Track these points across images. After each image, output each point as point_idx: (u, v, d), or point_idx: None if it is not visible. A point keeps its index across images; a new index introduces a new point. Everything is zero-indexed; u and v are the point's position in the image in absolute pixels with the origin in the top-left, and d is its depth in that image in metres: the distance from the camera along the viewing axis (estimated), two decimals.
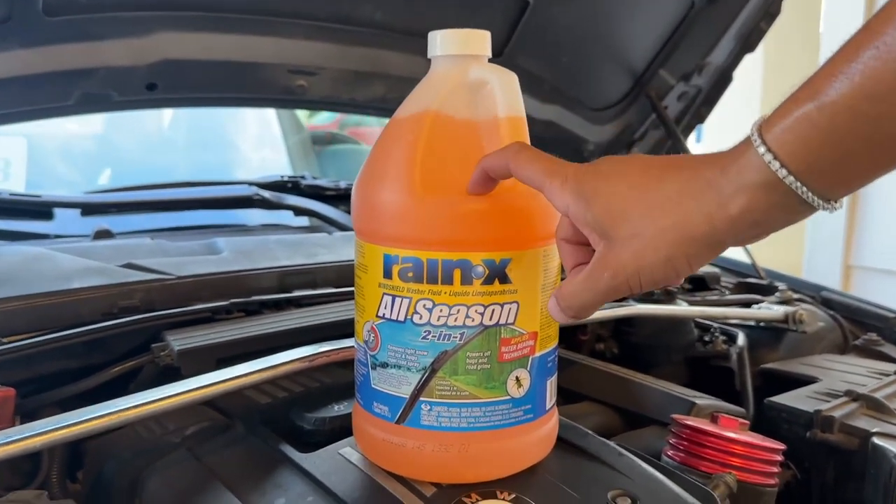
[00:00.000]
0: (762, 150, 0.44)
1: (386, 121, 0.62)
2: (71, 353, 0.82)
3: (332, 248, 1.15)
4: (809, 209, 0.45)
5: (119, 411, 0.65)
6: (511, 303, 0.58)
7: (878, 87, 0.40)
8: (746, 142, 0.45)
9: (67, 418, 0.63)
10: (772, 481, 0.73)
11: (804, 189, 0.43)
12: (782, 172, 0.43)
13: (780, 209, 0.45)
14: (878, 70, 0.40)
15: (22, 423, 0.67)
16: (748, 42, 1.56)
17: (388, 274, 0.58)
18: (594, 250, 0.52)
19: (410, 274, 0.57)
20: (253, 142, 2.17)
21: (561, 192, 0.52)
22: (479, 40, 0.60)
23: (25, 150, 1.67)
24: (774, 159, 0.43)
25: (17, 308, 0.85)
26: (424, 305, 0.57)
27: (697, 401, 0.88)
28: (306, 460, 0.65)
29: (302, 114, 2.30)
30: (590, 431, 0.70)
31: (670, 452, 0.75)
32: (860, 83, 0.40)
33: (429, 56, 0.61)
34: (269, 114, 2.11)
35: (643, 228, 0.48)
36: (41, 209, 1.30)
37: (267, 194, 1.45)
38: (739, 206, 0.45)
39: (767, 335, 1.20)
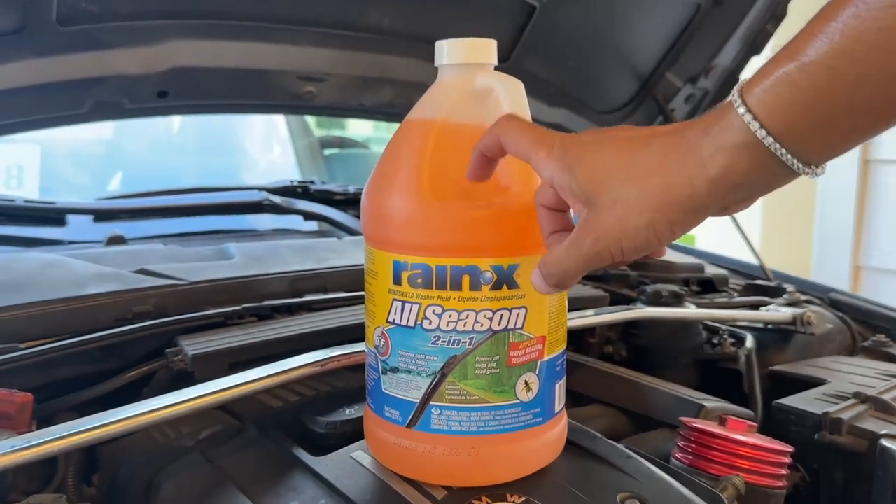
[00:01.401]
0: (742, 110, 0.43)
1: (393, 126, 0.63)
2: (86, 358, 0.83)
3: (342, 253, 1.15)
4: (791, 173, 0.44)
5: (134, 416, 0.66)
6: (519, 308, 0.59)
7: (857, 46, 0.39)
8: (728, 104, 0.45)
9: (83, 423, 0.64)
10: (780, 483, 0.73)
11: (783, 151, 0.43)
12: (761, 133, 0.43)
13: (761, 172, 0.44)
14: (857, 29, 0.39)
15: (38, 427, 0.68)
16: (755, 44, 1.56)
17: (397, 280, 0.59)
18: (572, 218, 0.53)
19: (420, 280, 0.58)
20: (262, 146, 2.18)
21: (547, 161, 0.52)
22: (485, 49, 0.61)
23: (39, 157, 1.69)
24: (754, 119, 0.43)
25: (32, 314, 0.86)
26: (434, 311, 0.58)
27: (706, 403, 0.88)
28: (319, 464, 0.66)
29: (310, 119, 2.31)
30: (598, 434, 0.70)
31: (678, 455, 0.76)
32: (839, 42, 0.40)
33: (436, 65, 0.62)
34: (278, 119, 2.13)
35: (626, 193, 0.48)
36: (55, 215, 1.31)
37: (277, 199, 1.46)
38: (719, 167, 0.45)
39: (776, 337, 1.20)
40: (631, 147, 0.49)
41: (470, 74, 0.61)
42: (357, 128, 3.00)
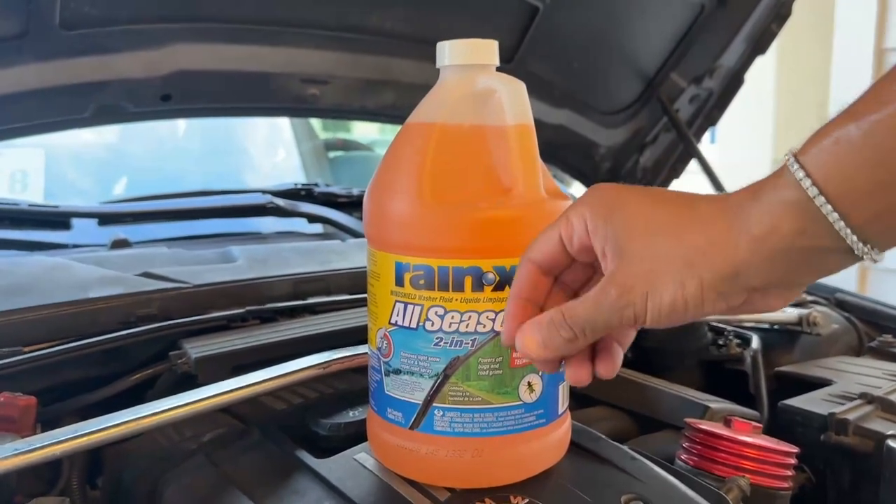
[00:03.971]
0: (794, 167, 0.40)
1: (398, 128, 0.63)
2: (90, 361, 0.83)
3: (345, 255, 1.16)
4: (843, 251, 0.41)
5: (138, 419, 0.66)
6: None
7: None
8: (783, 167, 0.41)
9: (87, 426, 0.64)
10: (786, 485, 0.73)
11: (836, 216, 0.39)
12: (813, 191, 0.39)
13: (808, 238, 0.40)
14: None
15: (43, 431, 0.68)
16: (759, 44, 1.56)
17: (399, 281, 0.59)
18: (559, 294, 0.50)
19: (422, 281, 0.58)
20: (266, 149, 2.18)
21: (579, 205, 0.48)
22: (487, 50, 0.61)
23: (43, 161, 1.70)
24: (806, 177, 0.39)
25: (36, 318, 0.86)
26: (436, 312, 0.58)
27: (711, 404, 0.88)
28: (322, 466, 0.66)
29: (315, 121, 2.32)
30: (602, 436, 0.70)
31: (684, 456, 0.75)
32: None
33: (437, 66, 0.62)
34: (282, 122, 2.13)
35: (662, 246, 0.44)
36: (59, 219, 1.31)
37: (281, 202, 1.46)
38: (763, 225, 0.41)
39: (781, 338, 1.20)
40: (677, 203, 0.45)
41: (472, 76, 0.61)
42: (362, 130, 3.00)
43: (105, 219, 1.34)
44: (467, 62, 0.61)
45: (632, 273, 0.45)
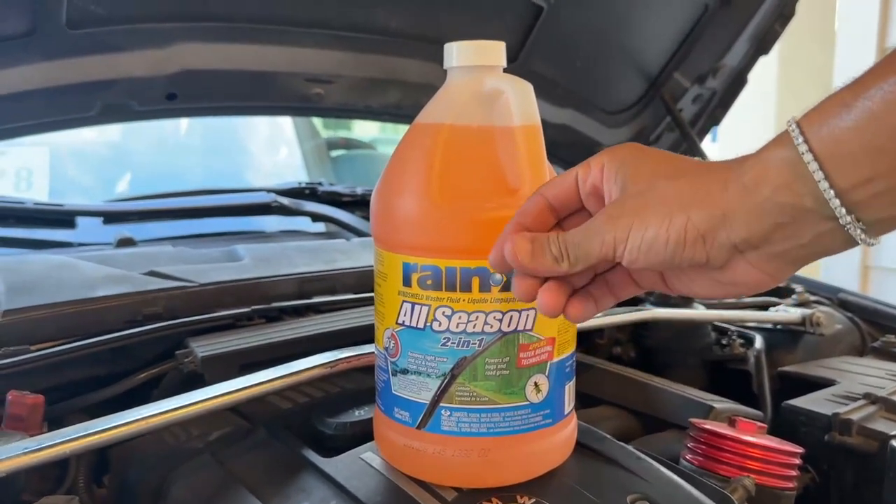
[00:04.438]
0: (792, 127, 0.42)
1: (400, 127, 0.63)
2: (96, 360, 0.84)
3: (350, 254, 1.16)
4: (829, 218, 0.41)
5: (145, 418, 0.66)
6: (529, 309, 0.59)
7: None
8: (784, 131, 0.43)
9: (94, 425, 0.65)
10: (790, 485, 0.73)
11: (821, 174, 0.40)
12: (802, 147, 0.41)
13: (793, 195, 0.42)
14: None
15: (49, 429, 0.68)
16: (763, 44, 1.56)
17: (407, 282, 0.59)
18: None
19: (429, 282, 0.58)
20: (269, 148, 2.19)
21: (602, 154, 0.50)
22: (494, 51, 0.61)
23: (48, 160, 1.70)
24: (799, 134, 0.41)
25: (42, 316, 0.86)
26: (443, 313, 0.58)
27: (715, 404, 0.88)
28: (328, 465, 0.66)
29: (317, 120, 2.32)
30: (608, 436, 0.70)
31: (688, 456, 0.75)
32: None
33: (445, 67, 0.63)
34: (285, 121, 2.13)
35: (659, 187, 0.46)
36: (64, 218, 1.31)
37: (285, 201, 1.47)
38: (752, 173, 0.43)
39: (785, 338, 1.20)
40: (687, 159, 0.48)
41: (479, 77, 0.61)
42: (363, 129, 3.00)
43: (110, 217, 1.34)
44: (475, 63, 0.61)
45: (624, 205, 0.47)
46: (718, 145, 4.19)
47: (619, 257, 0.48)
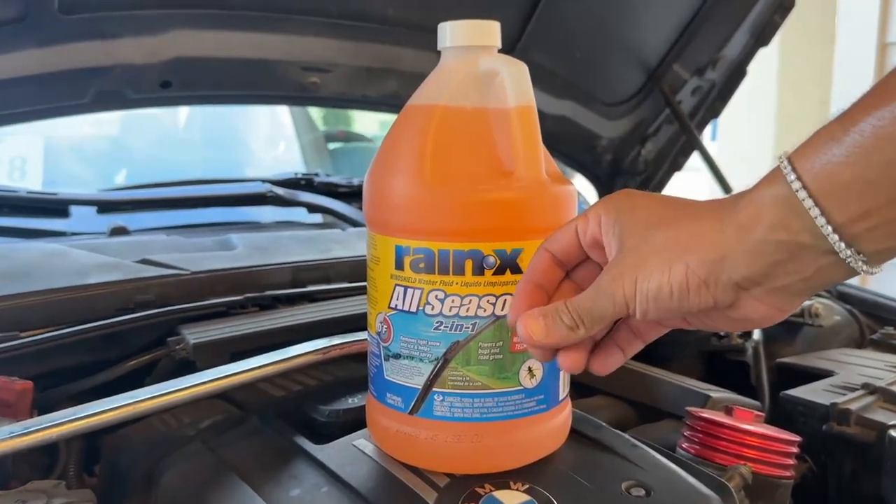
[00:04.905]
0: (784, 163, 0.41)
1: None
2: (87, 347, 0.83)
3: (345, 244, 1.15)
4: (828, 252, 0.41)
5: (135, 402, 0.66)
6: None
7: None
8: (776, 167, 0.43)
9: (83, 410, 0.64)
10: (787, 474, 0.72)
11: (817, 211, 0.40)
12: (796, 185, 0.40)
13: (789, 233, 0.41)
14: None
15: (39, 416, 0.67)
16: (762, 36, 1.55)
17: (399, 265, 0.59)
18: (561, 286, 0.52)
19: (422, 265, 0.58)
20: (266, 141, 2.18)
21: (598, 205, 0.51)
22: (489, 31, 0.61)
23: (42, 149, 1.69)
24: (792, 171, 0.41)
25: (34, 303, 0.86)
26: (436, 296, 0.58)
27: (712, 394, 0.88)
28: (321, 452, 0.65)
29: (315, 112, 2.31)
30: (603, 423, 0.70)
31: (685, 445, 0.75)
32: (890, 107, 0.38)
33: (438, 48, 0.62)
34: (283, 112, 2.12)
35: (656, 237, 0.47)
36: (58, 207, 1.31)
37: (281, 191, 1.46)
38: (747, 212, 0.43)
39: (783, 329, 1.19)
40: (681, 203, 0.48)
41: (473, 57, 0.60)
42: (363, 124, 2.99)
43: (104, 206, 1.33)
44: (469, 43, 0.60)
45: (625, 261, 0.47)
46: (718, 143, 4.18)
47: (632, 312, 0.48)
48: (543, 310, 0.51)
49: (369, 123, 2.94)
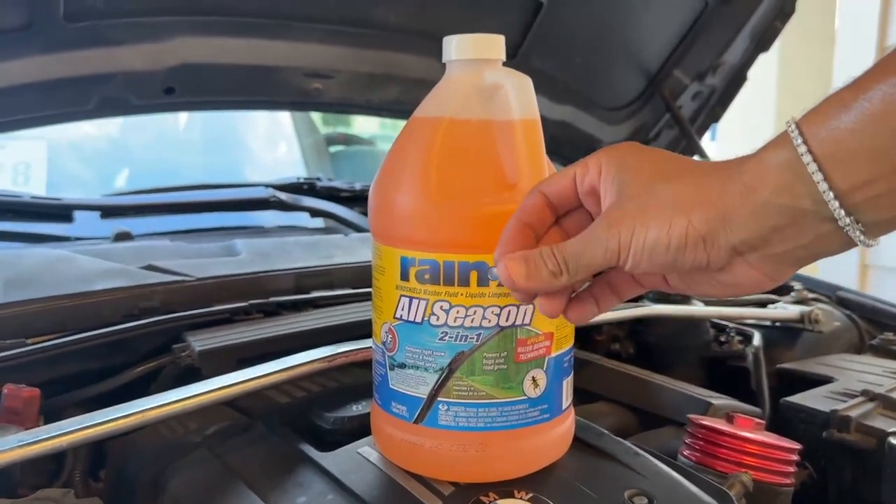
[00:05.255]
0: (791, 128, 0.42)
1: (399, 123, 0.63)
2: (93, 354, 0.83)
3: (348, 250, 1.15)
4: (828, 219, 0.41)
5: (142, 411, 0.66)
6: (527, 304, 0.59)
7: None
8: (784, 131, 0.43)
9: (91, 418, 0.64)
10: (788, 481, 0.73)
11: (820, 176, 0.40)
12: (802, 149, 0.41)
13: (792, 197, 0.42)
14: None
15: (46, 423, 0.68)
16: (763, 41, 1.56)
17: (405, 276, 0.59)
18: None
19: (427, 276, 0.58)
20: (267, 144, 2.18)
21: (600, 152, 0.50)
22: (494, 45, 0.61)
23: (45, 154, 1.70)
24: (798, 135, 0.41)
25: (39, 310, 0.86)
26: (441, 307, 0.58)
27: (713, 401, 0.88)
28: (325, 459, 0.66)
29: (315, 113, 2.31)
30: (606, 431, 0.70)
31: (686, 452, 0.75)
32: None
33: (443, 61, 0.62)
34: (284, 116, 2.13)
35: (658, 190, 0.46)
36: (61, 212, 1.31)
37: (283, 196, 1.46)
38: (753, 177, 0.43)
39: (783, 335, 1.20)
40: (686, 160, 0.48)
41: (478, 70, 0.60)
42: (363, 125, 3.00)
43: (108, 211, 1.34)
44: (474, 57, 0.61)
45: (624, 210, 0.47)
46: (717, 144, 4.19)
47: (622, 263, 0.47)
48: (527, 253, 0.50)
49: (368, 124, 2.95)
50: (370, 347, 0.67)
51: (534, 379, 0.60)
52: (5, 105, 1.11)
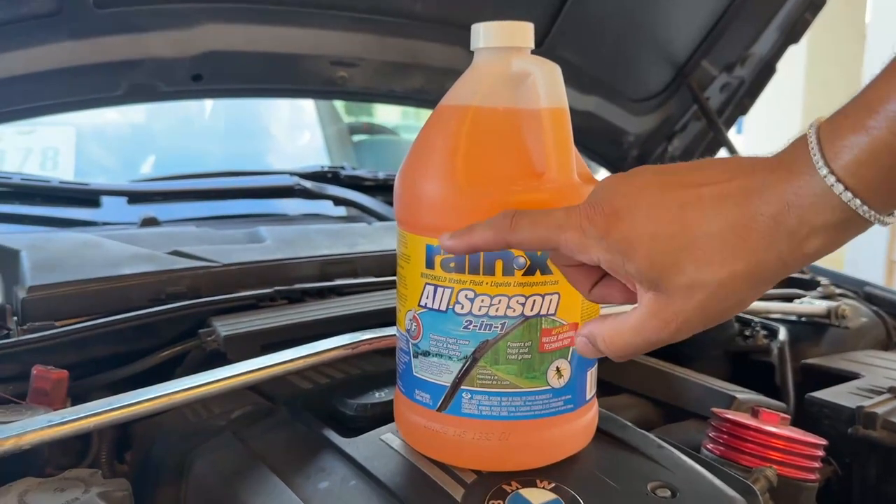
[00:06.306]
0: (838, 186, 0.39)
1: (424, 112, 0.63)
2: (120, 337, 0.84)
3: (371, 238, 1.16)
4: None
5: (167, 395, 0.67)
6: (552, 294, 0.58)
7: None
8: (803, 163, 0.40)
9: (118, 400, 0.65)
10: (812, 476, 0.72)
11: (872, 214, 0.40)
12: (863, 209, 0.39)
13: (853, 235, 0.42)
14: None
15: (73, 405, 0.69)
16: (793, 33, 1.54)
17: (430, 264, 0.59)
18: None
19: (452, 264, 0.58)
20: (291, 132, 2.19)
21: (584, 246, 0.47)
22: (523, 32, 0.61)
23: (74, 139, 1.72)
24: (855, 197, 0.39)
25: (68, 293, 0.87)
26: (466, 295, 0.58)
27: (738, 395, 0.88)
28: (349, 445, 0.66)
29: (338, 101, 2.31)
30: (629, 423, 0.70)
31: (710, 446, 0.75)
32: None
33: (472, 48, 0.62)
34: (307, 105, 2.14)
35: (705, 278, 0.43)
36: (89, 197, 1.33)
37: (308, 184, 1.47)
38: (816, 246, 0.41)
39: (809, 330, 1.19)
40: (684, 218, 0.43)
41: (506, 58, 0.60)
42: (384, 115, 3.00)
43: (134, 197, 1.35)
44: (502, 44, 0.60)
45: (678, 308, 0.45)
46: (743, 137, 4.15)
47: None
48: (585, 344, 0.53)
49: (390, 113, 2.95)
50: (394, 335, 0.67)
51: (558, 369, 0.60)
52: (34, 90, 1.12)
